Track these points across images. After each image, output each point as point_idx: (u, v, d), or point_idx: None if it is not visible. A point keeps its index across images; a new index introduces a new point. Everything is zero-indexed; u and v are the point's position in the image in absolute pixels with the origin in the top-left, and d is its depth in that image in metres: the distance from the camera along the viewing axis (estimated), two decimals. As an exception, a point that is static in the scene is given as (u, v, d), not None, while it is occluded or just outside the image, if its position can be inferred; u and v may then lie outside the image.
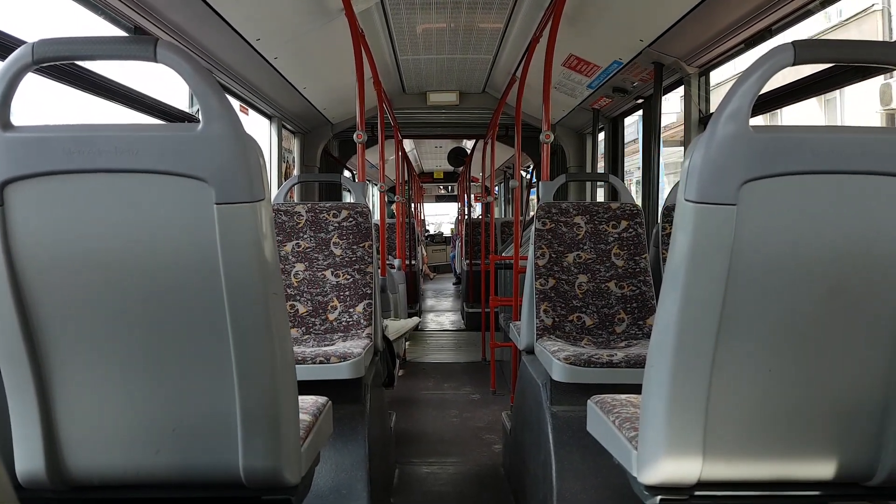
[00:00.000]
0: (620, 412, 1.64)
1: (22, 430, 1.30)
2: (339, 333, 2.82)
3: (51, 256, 1.21)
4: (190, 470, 1.33)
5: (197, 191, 1.18)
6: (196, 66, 1.19)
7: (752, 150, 1.20)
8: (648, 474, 1.39)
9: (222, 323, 1.23)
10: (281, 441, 1.33)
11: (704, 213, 1.21)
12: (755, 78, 1.20)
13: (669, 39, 3.43)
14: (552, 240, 2.94)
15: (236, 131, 1.18)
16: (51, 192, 1.19)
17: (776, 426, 1.35)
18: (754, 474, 1.38)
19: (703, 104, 3.74)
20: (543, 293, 2.87)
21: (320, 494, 2.35)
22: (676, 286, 1.25)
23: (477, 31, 4.51)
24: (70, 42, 1.20)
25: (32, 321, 1.24)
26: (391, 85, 5.92)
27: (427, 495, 3.12)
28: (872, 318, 1.27)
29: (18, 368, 1.26)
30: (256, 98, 4.66)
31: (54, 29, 3.50)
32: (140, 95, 3.07)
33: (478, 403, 4.73)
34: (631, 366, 2.30)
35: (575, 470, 2.36)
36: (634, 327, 2.86)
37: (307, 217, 2.95)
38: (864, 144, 1.20)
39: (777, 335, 1.28)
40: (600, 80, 4.49)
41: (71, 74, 2.54)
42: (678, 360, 1.28)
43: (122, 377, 1.28)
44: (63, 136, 1.17)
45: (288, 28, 3.73)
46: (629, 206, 3.00)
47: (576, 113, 5.56)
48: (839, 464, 1.37)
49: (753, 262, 1.23)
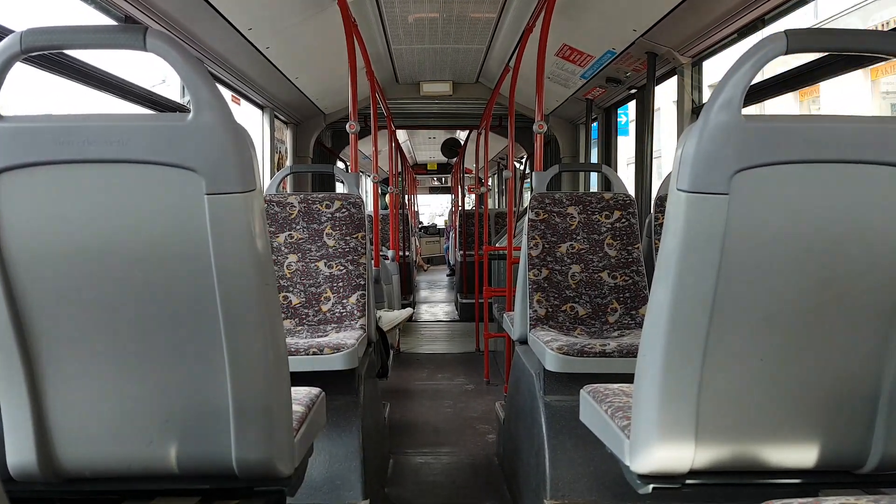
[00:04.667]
0: (613, 401, 1.64)
1: (12, 422, 1.29)
2: (333, 324, 2.82)
3: (41, 247, 1.20)
4: (182, 461, 1.33)
5: (188, 181, 1.17)
6: (186, 56, 1.18)
7: (744, 140, 1.19)
8: (641, 463, 1.40)
9: (214, 314, 1.22)
10: (274, 432, 1.33)
11: (696, 203, 1.21)
12: (747, 67, 1.20)
13: (662, 29, 3.43)
14: (545, 230, 2.94)
15: (227, 121, 1.18)
16: (40, 182, 1.18)
17: (768, 415, 1.36)
18: (746, 462, 1.39)
19: (695, 94, 3.74)
20: (537, 283, 2.88)
21: (314, 485, 2.36)
22: (668, 276, 1.26)
23: (470, 21, 4.49)
24: (59, 31, 1.19)
25: (22, 312, 1.23)
26: (384, 75, 5.89)
27: (421, 485, 3.13)
28: (863, 307, 1.28)
29: (8, 360, 1.25)
30: (248, 88, 4.63)
31: (43, 18, 3.46)
32: (130, 85, 3.05)
33: (472, 393, 4.75)
34: (623, 355, 2.30)
35: (568, 459, 2.37)
36: (627, 317, 2.87)
37: (300, 208, 2.94)
38: (857, 134, 1.20)
39: (768, 324, 1.29)
40: (593, 70, 4.48)
41: (60, 64, 2.52)
42: (670, 349, 1.29)
43: (113, 368, 1.27)
44: (53, 127, 1.16)
45: (280, 17, 3.70)
46: (622, 196, 3.00)
47: (569, 103, 5.55)
48: (830, 451, 1.37)
49: (745, 252, 1.24)
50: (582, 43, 4.25)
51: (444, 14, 4.34)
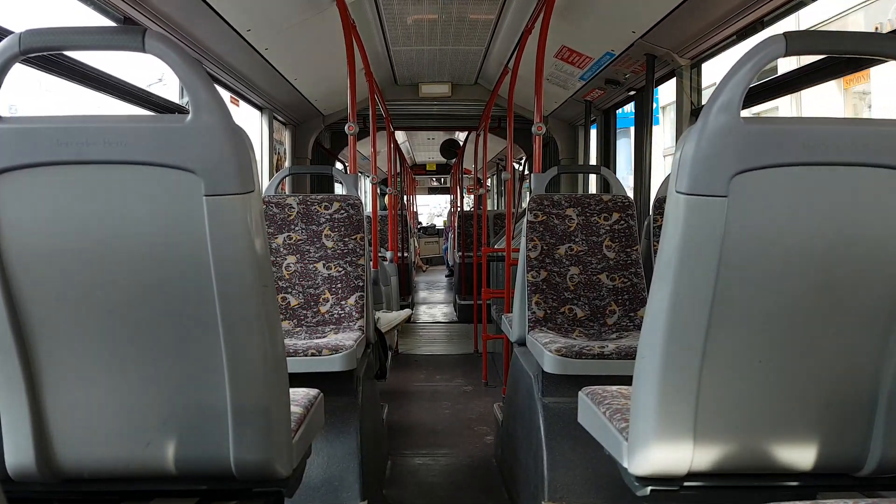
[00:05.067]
0: (611, 403, 1.64)
1: (11, 423, 1.29)
2: (331, 326, 2.82)
3: (39, 248, 1.20)
4: (180, 462, 1.33)
5: (186, 183, 1.17)
6: (185, 57, 1.18)
7: (743, 142, 1.20)
8: (639, 465, 1.40)
9: (212, 315, 1.22)
10: (272, 433, 1.33)
11: (695, 205, 1.21)
12: (747, 69, 1.20)
13: (661, 31, 3.43)
14: (544, 232, 2.94)
15: (226, 122, 1.18)
16: (39, 184, 1.18)
17: (766, 417, 1.36)
18: (744, 465, 1.39)
19: (694, 96, 3.74)
20: (535, 285, 2.88)
21: (312, 486, 2.36)
22: (667, 278, 1.26)
23: (469, 23, 4.49)
24: (58, 32, 1.19)
25: (21, 313, 1.23)
26: (383, 76, 5.89)
27: (419, 486, 3.12)
28: (862, 310, 1.28)
29: (7, 361, 1.25)
30: (247, 89, 4.63)
31: (42, 19, 3.46)
32: (129, 86, 3.04)
33: (470, 395, 4.75)
34: (622, 357, 2.30)
35: (566, 461, 2.37)
36: (626, 319, 2.87)
37: (298, 209, 2.94)
38: (855, 136, 1.20)
39: (767, 326, 1.29)
40: (592, 72, 4.48)
41: (59, 65, 2.52)
42: (669, 351, 1.29)
43: (111, 370, 1.27)
44: (52, 128, 1.16)
45: (279, 18, 3.70)
46: (621, 198, 3.01)
47: (568, 105, 5.55)
48: (829, 454, 1.37)
49: (744, 254, 1.24)
50: (581, 44, 4.25)
51: (443, 15, 4.34)
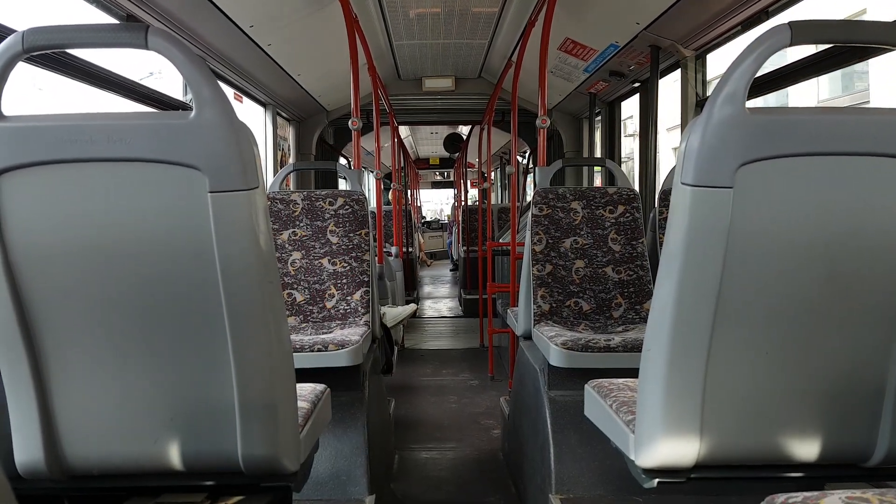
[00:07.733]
0: (618, 396, 1.64)
1: (20, 421, 1.30)
2: (337, 321, 2.82)
3: (45, 246, 1.21)
4: (188, 458, 1.33)
5: (190, 179, 1.17)
6: (188, 54, 1.18)
7: (748, 133, 1.19)
8: (646, 457, 1.39)
9: (219, 312, 1.23)
10: (279, 428, 1.33)
11: (701, 197, 1.21)
12: (751, 60, 1.19)
13: (666, 22, 3.41)
14: (549, 225, 2.94)
15: (229, 119, 1.18)
16: (44, 181, 1.18)
17: (773, 408, 1.35)
18: (751, 456, 1.39)
19: (699, 87, 3.72)
20: (541, 279, 2.87)
21: (320, 481, 2.36)
22: (673, 270, 1.25)
23: (472, 16, 4.48)
24: (60, 30, 1.18)
25: (28, 311, 1.24)
26: (386, 71, 5.88)
27: (426, 480, 3.13)
28: (869, 300, 1.28)
29: (15, 359, 1.25)
30: (251, 85, 4.63)
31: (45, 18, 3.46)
32: (133, 84, 3.05)
33: (476, 389, 4.75)
34: (628, 350, 2.30)
35: (573, 454, 2.37)
36: (631, 312, 2.87)
37: (303, 205, 2.94)
38: (861, 125, 1.20)
39: (774, 318, 1.28)
40: (597, 64, 4.46)
41: (62, 63, 2.52)
42: (675, 343, 1.28)
43: (118, 367, 1.28)
44: (55, 126, 1.16)
45: (281, 14, 3.70)
46: (626, 190, 3.00)
47: (572, 97, 5.53)
48: (836, 445, 1.37)
49: (750, 246, 1.23)
50: (585, 36, 4.23)
51: (446, 9, 4.32)
